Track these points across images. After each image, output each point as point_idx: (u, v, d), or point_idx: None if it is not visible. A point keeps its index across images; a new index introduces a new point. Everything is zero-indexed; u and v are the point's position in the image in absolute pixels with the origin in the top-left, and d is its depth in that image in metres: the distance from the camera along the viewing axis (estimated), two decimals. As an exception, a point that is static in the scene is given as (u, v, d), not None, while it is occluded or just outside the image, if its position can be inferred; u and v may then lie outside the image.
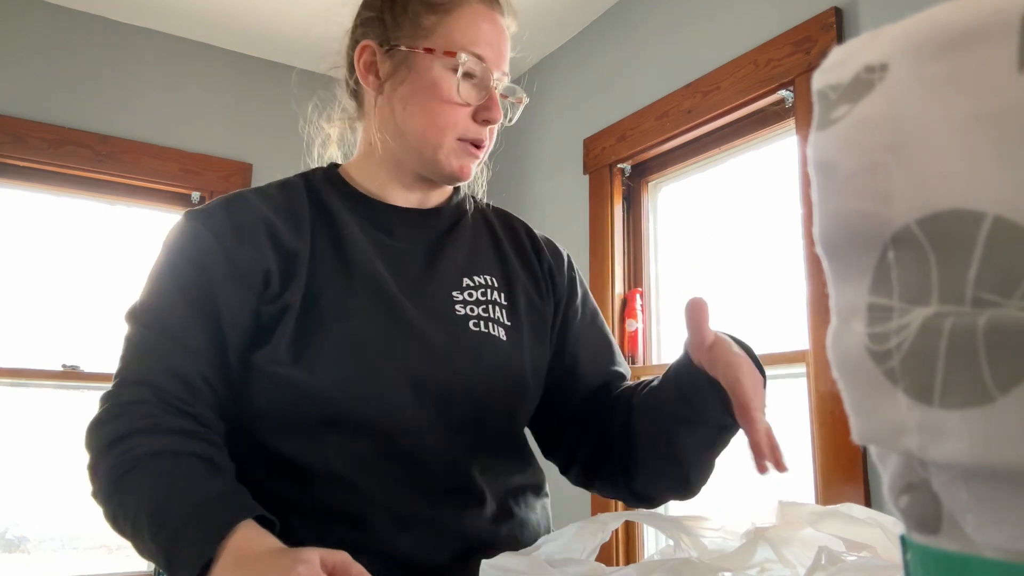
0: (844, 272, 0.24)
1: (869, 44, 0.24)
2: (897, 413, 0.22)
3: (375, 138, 0.88)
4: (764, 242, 1.85)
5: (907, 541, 0.24)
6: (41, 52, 2.34)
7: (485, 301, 0.86)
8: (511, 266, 0.91)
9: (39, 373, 2.25)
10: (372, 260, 0.82)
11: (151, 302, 0.78)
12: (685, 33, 2.03)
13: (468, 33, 0.83)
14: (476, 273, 0.88)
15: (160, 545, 0.65)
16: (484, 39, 0.83)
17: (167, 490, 0.67)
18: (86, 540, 2.34)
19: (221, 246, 0.77)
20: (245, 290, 0.76)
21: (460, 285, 0.85)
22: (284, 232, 0.79)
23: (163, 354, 0.74)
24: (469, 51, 0.82)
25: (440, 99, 0.82)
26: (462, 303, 0.84)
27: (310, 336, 0.76)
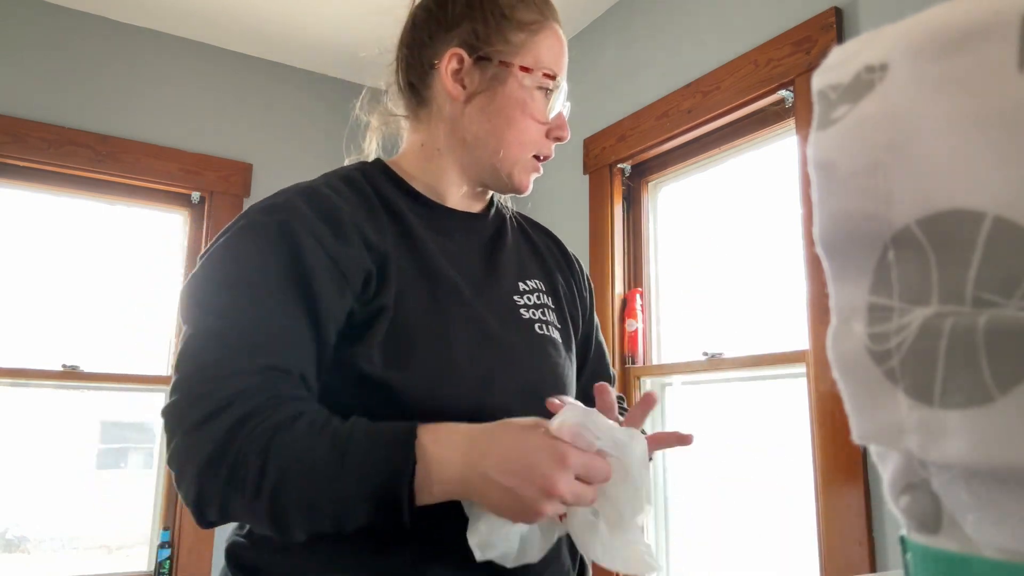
0: (844, 272, 0.24)
1: (869, 44, 0.24)
2: (897, 413, 0.22)
3: (440, 142, 0.88)
4: (764, 242, 1.85)
5: (907, 541, 0.24)
6: (41, 52, 2.34)
7: (540, 305, 0.89)
8: (552, 273, 0.95)
9: (39, 373, 2.25)
10: (443, 262, 0.83)
11: (232, 296, 0.72)
12: (685, 33, 2.03)
13: (551, 54, 0.87)
14: (528, 278, 0.90)
15: (348, 479, 0.63)
16: (561, 61, 0.89)
17: (329, 436, 0.65)
18: (86, 540, 2.34)
19: (320, 244, 0.74)
20: (346, 289, 0.75)
21: (518, 289, 0.88)
22: (369, 231, 0.79)
23: (257, 348, 0.69)
24: (551, 72, 0.86)
25: (528, 115, 0.85)
26: (524, 307, 0.87)
27: (400, 338, 0.76)
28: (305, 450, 0.64)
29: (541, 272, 0.94)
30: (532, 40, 0.86)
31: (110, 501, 2.43)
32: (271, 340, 0.70)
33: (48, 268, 2.35)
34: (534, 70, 0.85)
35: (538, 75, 0.85)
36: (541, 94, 0.86)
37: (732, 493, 1.87)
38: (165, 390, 2.44)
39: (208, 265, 0.73)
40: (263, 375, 0.68)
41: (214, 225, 2.50)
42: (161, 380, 2.43)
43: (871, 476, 1.41)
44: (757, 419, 1.84)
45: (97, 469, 2.44)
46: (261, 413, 0.65)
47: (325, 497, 0.64)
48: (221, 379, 0.67)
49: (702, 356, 1.91)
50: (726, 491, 1.89)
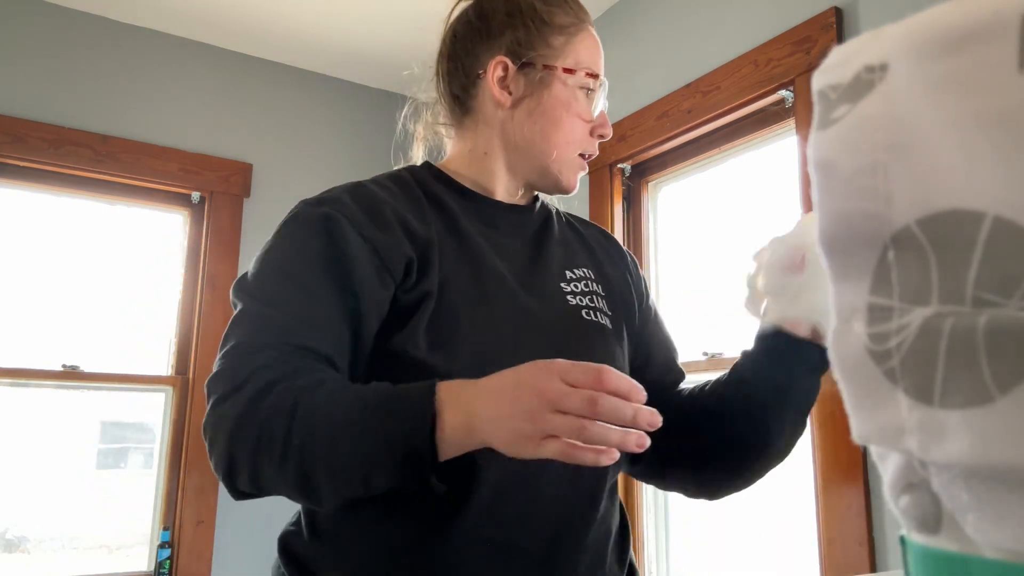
0: (844, 272, 0.24)
1: (869, 44, 0.24)
2: (897, 413, 0.22)
3: (488, 147, 0.91)
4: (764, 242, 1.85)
5: (907, 541, 0.24)
6: (41, 52, 2.34)
7: (589, 292, 0.90)
8: (601, 261, 0.96)
9: (39, 373, 2.25)
10: (488, 251, 0.85)
11: (273, 282, 0.75)
12: (685, 33, 2.03)
13: (589, 54, 0.91)
14: (575, 266, 0.91)
15: (371, 435, 0.63)
16: (599, 60, 0.93)
17: (351, 395, 0.66)
18: (86, 540, 2.34)
19: (361, 234, 0.76)
20: (387, 277, 0.76)
21: (565, 277, 0.89)
22: (412, 221, 0.81)
23: (288, 330, 0.72)
24: (592, 71, 0.90)
25: (573, 115, 0.89)
26: (571, 293, 0.88)
27: (444, 323, 0.77)
28: (329, 410, 0.65)
29: (590, 261, 0.95)
30: (571, 42, 0.90)
31: (110, 501, 2.43)
32: (303, 323, 0.72)
33: (48, 268, 2.35)
34: (576, 71, 0.89)
35: (580, 75, 0.89)
36: (583, 94, 0.90)
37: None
38: (165, 390, 2.45)
39: (259, 255, 0.79)
40: (291, 352, 0.70)
41: (214, 225, 2.50)
42: (161, 380, 2.43)
43: (871, 476, 1.41)
44: (757, 419, 1.83)
45: (97, 469, 2.44)
46: (286, 379, 0.67)
47: (350, 454, 0.64)
48: (251, 354, 0.70)
49: (702, 356, 1.91)
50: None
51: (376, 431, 0.64)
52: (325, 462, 0.64)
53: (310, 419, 0.65)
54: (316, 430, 0.64)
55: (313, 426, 0.65)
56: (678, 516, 2.00)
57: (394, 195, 0.83)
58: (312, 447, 0.64)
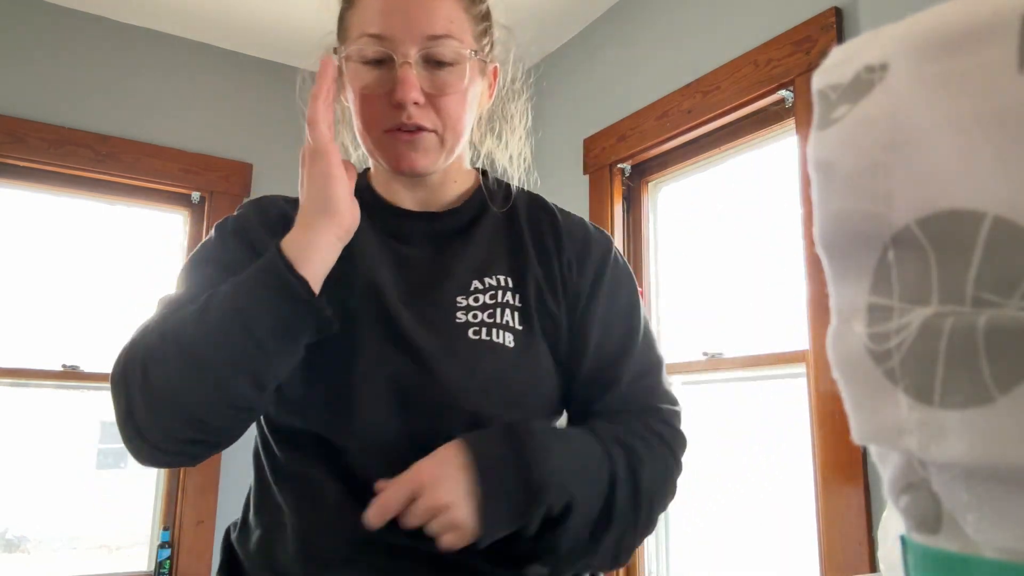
0: (844, 272, 0.24)
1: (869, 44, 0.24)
2: (897, 413, 0.22)
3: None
4: (764, 242, 1.85)
5: (907, 541, 0.24)
6: (41, 52, 2.34)
7: (494, 305, 0.79)
8: (528, 263, 0.83)
9: (39, 373, 2.25)
10: (376, 268, 0.80)
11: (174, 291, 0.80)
12: (685, 33, 2.03)
13: (367, 15, 0.76)
14: (489, 274, 0.81)
15: (234, 302, 0.67)
16: (381, 13, 0.75)
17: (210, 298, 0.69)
18: (86, 540, 2.34)
19: (247, 236, 0.82)
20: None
21: (468, 289, 0.80)
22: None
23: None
24: (366, 34, 0.75)
25: (357, 95, 0.77)
26: (465, 309, 0.79)
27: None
28: (191, 311, 0.69)
29: (513, 265, 0.82)
30: (353, 13, 0.79)
31: (110, 501, 2.43)
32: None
33: (48, 268, 2.35)
34: (340, 46, 0.79)
35: (355, 45, 0.76)
36: (366, 67, 0.76)
37: (732, 493, 1.87)
38: (165, 390, 2.45)
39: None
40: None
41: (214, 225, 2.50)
42: (161, 380, 2.43)
43: (871, 476, 1.41)
44: (757, 419, 1.84)
45: (97, 469, 2.44)
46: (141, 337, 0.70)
47: (226, 313, 0.67)
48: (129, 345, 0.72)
49: (702, 356, 1.91)
50: (726, 491, 1.89)
51: (233, 291, 0.68)
52: (205, 338, 0.66)
53: (170, 327, 0.68)
54: (186, 326, 0.67)
55: (179, 331, 0.67)
56: (678, 516, 2.00)
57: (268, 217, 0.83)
58: (184, 336, 0.67)
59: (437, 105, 0.76)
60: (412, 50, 0.74)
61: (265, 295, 0.67)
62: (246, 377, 0.67)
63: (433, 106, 0.76)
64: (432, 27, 0.75)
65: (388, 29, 0.74)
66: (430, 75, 0.76)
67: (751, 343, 1.82)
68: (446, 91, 0.76)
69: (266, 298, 0.67)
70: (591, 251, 0.85)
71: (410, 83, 0.74)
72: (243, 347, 0.66)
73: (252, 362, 0.67)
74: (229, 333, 0.66)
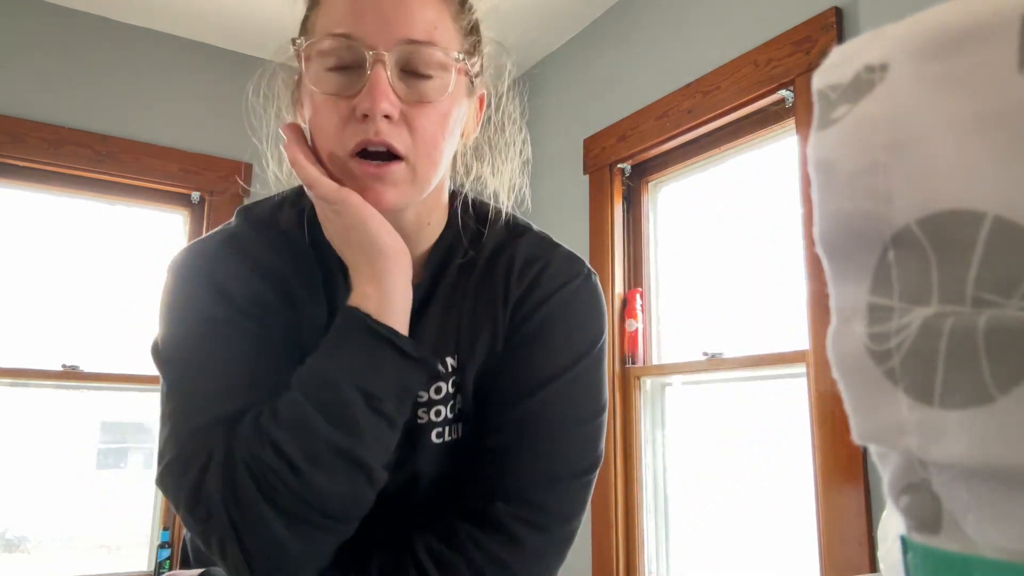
0: (844, 272, 0.24)
1: (869, 44, 0.24)
2: (897, 413, 0.22)
3: None
4: (764, 242, 1.85)
5: (907, 541, 0.24)
6: (41, 52, 2.33)
7: (443, 398, 0.70)
8: (477, 334, 0.71)
9: (39, 373, 2.25)
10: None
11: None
12: (685, 33, 2.03)
13: (334, 14, 0.63)
14: (449, 354, 0.71)
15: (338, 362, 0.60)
16: (351, 11, 0.63)
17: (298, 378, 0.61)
18: (86, 540, 2.34)
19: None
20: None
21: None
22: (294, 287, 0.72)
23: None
24: (332, 33, 0.63)
25: (315, 106, 0.64)
26: (426, 406, 0.70)
27: None
28: (297, 402, 0.59)
29: (462, 340, 0.71)
30: (317, 12, 0.66)
31: (110, 501, 2.43)
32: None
33: (48, 268, 2.35)
34: (310, 44, 0.64)
35: (316, 47, 0.63)
36: (331, 71, 0.63)
37: (732, 493, 1.87)
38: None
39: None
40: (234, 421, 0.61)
41: (214, 225, 2.50)
42: (161, 380, 2.43)
43: (871, 476, 1.41)
44: (757, 419, 1.84)
45: (97, 469, 2.44)
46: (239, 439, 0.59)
47: (352, 406, 0.59)
48: (187, 438, 0.61)
49: (702, 356, 1.91)
50: (726, 491, 1.89)
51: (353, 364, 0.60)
52: (345, 432, 0.58)
53: (289, 422, 0.59)
54: (305, 420, 0.59)
55: (300, 423, 0.59)
56: (678, 516, 2.00)
57: (283, 258, 0.71)
58: (312, 428, 0.58)
59: (413, 123, 0.63)
60: (387, 52, 0.62)
61: (386, 366, 0.60)
62: (384, 455, 0.61)
63: (408, 124, 0.63)
64: (412, 30, 0.63)
65: (358, 28, 0.62)
66: (407, 84, 0.63)
67: (751, 343, 1.82)
68: (426, 99, 0.63)
69: (386, 370, 0.60)
70: (532, 296, 0.72)
71: (382, 88, 0.61)
72: (376, 427, 0.60)
73: (389, 441, 0.61)
74: (365, 419, 0.59)
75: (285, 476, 0.57)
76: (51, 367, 2.27)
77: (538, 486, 0.66)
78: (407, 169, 0.64)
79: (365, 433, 0.59)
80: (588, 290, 0.74)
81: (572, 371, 0.69)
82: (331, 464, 0.58)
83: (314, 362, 0.61)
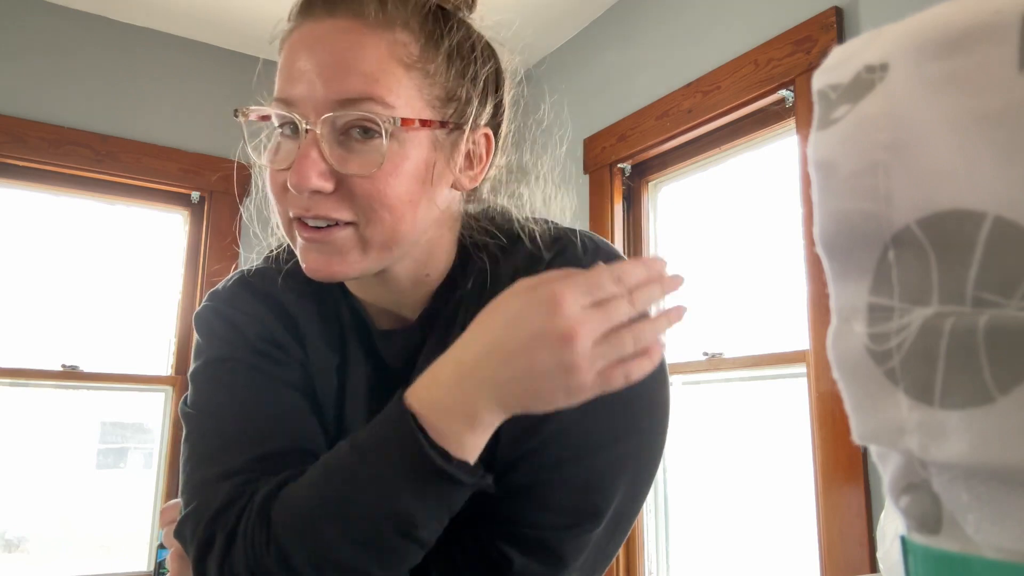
0: (844, 272, 0.24)
1: (869, 44, 0.24)
2: (897, 413, 0.22)
3: None
4: (764, 242, 1.85)
5: (907, 541, 0.24)
6: (41, 52, 2.33)
7: None
8: None
9: (39, 373, 2.25)
10: (349, 397, 0.69)
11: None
12: (685, 33, 2.03)
13: (279, 77, 0.61)
14: None
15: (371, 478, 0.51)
16: (289, 72, 0.59)
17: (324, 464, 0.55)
18: (86, 540, 2.34)
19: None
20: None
21: None
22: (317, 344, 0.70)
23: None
24: (276, 98, 0.60)
25: (270, 174, 0.61)
26: None
27: None
28: (313, 503, 0.53)
29: None
30: (278, 74, 0.63)
31: (110, 501, 2.43)
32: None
33: (48, 268, 2.35)
34: (254, 110, 0.63)
35: (258, 113, 0.62)
36: (281, 137, 0.61)
37: (732, 493, 1.87)
38: (165, 390, 2.44)
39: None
40: (249, 471, 0.58)
41: (214, 225, 2.50)
42: (161, 380, 2.43)
43: (871, 476, 1.41)
44: (757, 419, 1.84)
45: (97, 469, 2.44)
46: (243, 501, 0.56)
47: (367, 512, 0.51)
48: (206, 490, 0.58)
49: (702, 356, 1.91)
50: (726, 491, 1.89)
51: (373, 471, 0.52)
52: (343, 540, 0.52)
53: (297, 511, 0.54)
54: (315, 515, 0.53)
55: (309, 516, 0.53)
56: (678, 516, 2.00)
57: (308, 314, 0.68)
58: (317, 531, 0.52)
59: (354, 191, 0.57)
60: (317, 118, 0.57)
61: (430, 492, 0.52)
62: (405, 572, 0.55)
63: (350, 191, 0.57)
64: (346, 87, 0.56)
65: (291, 89, 0.58)
66: (345, 149, 0.58)
67: (751, 343, 1.82)
68: (365, 171, 0.57)
69: (430, 496, 0.52)
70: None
71: (308, 164, 0.56)
72: (404, 551, 0.53)
73: (415, 559, 0.55)
74: (391, 542, 0.52)
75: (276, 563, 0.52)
76: (51, 367, 2.27)
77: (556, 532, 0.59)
78: (354, 235, 0.58)
79: (389, 555, 0.52)
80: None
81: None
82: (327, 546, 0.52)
83: (344, 459, 0.53)
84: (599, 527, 0.59)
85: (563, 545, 0.58)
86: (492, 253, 0.66)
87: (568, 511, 0.58)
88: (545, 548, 0.58)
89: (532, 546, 0.58)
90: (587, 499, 0.58)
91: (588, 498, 0.58)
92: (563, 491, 0.58)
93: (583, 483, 0.58)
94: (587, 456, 0.59)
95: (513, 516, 0.59)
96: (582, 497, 0.58)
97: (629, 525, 0.63)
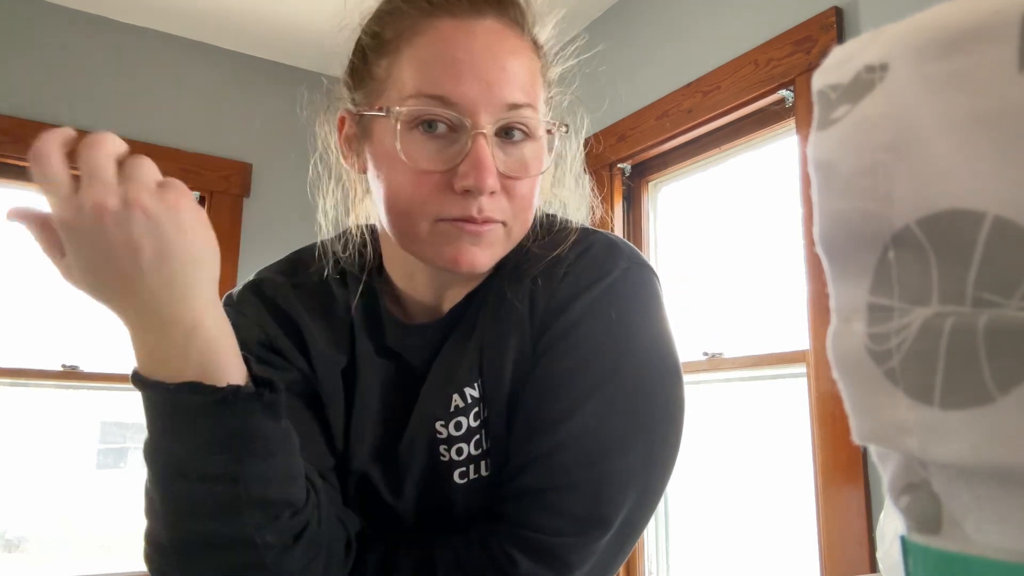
0: (844, 272, 0.24)
1: (869, 44, 0.24)
2: (897, 413, 0.22)
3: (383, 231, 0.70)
4: (764, 242, 1.85)
5: (907, 542, 0.24)
6: (41, 52, 2.33)
7: (466, 432, 0.65)
8: (503, 357, 0.64)
9: (39, 373, 2.25)
10: (363, 395, 0.69)
11: None
12: (685, 33, 2.03)
13: (428, 72, 0.58)
14: (469, 384, 0.65)
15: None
16: (450, 71, 0.58)
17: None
18: (86, 540, 2.34)
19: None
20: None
21: (448, 408, 0.64)
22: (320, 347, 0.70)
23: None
24: (425, 94, 0.58)
25: (398, 170, 0.59)
26: (446, 443, 0.64)
27: None
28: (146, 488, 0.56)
29: (489, 367, 0.65)
30: (396, 63, 0.60)
31: (110, 501, 2.43)
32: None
33: (48, 268, 2.35)
34: (383, 107, 0.60)
35: (406, 105, 0.58)
36: (420, 130, 0.59)
37: (732, 493, 1.87)
38: (165, 390, 2.44)
39: None
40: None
41: (214, 225, 2.49)
42: (161, 380, 2.43)
43: (871, 476, 1.41)
44: (757, 419, 1.84)
45: (97, 469, 2.44)
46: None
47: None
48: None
49: (702, 356, 1.91)
50: (726, 491, 1.89)
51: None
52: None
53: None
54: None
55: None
56: (678, 516, 2.00)
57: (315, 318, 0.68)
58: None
59: (512, 191, 0.60)
60: (489, 121, 0.58)
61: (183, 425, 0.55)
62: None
63: (506, 192, 0.60)
64: (512, 92, 0.59)
65: (457, 91, 0.57)
66: (505, 153, 0.60)
67: (751, 343, 1.82)
68: (526, 173, 0.60)
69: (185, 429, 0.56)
70: (554, 300, 0.64)
71: (488, 166, 0.57)
72: (203, 494, 0.55)
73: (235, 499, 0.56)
74: (181, 490, 0.55)
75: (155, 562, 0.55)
76: (51, 367, 2.27)
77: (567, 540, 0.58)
78: (504, 231, 0.62)
79: (201, 506, 0.52)
80: (627, 287, 0.63)
81: (602, 392, 0.60)
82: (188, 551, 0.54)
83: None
84: (607, 536, 0.59)
85: (570, 553, 0.58)
86: (527, 248, 0.68)
87: (577, 518, 0.58)
88: (552, 554, 0.57)
89: (539, 552, 0.57)
90: (597, 507, 0.58)
91: (598, 506, 0.58)
92: (573, 497, 0.58)
93: (594, 490, 0.58)
94: (599, 462, 0.58)
95: (521, 520, 0.58)
96: (592, 504, 0.58)
97: (637, 536, 0.63)
